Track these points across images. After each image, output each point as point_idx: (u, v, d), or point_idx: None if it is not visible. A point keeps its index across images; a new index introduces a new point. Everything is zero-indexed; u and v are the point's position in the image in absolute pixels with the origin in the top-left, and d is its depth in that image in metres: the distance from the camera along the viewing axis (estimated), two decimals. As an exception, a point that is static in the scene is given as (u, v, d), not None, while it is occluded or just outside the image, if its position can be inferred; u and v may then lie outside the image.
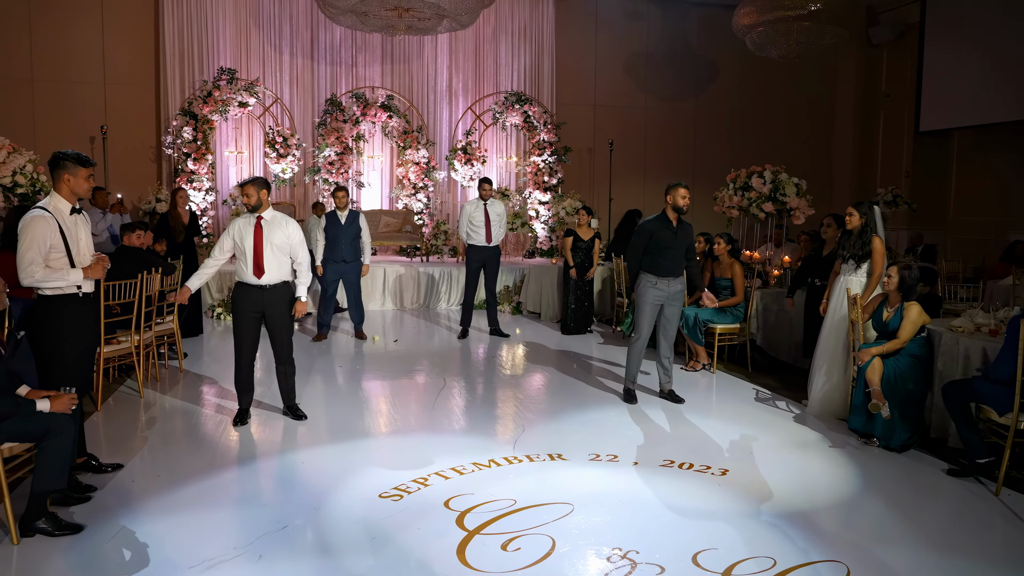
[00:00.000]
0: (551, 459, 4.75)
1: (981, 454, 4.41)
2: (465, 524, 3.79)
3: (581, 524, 3.82)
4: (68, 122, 11.30)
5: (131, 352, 5.97)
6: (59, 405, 3.68)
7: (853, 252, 5.69)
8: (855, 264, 5.69)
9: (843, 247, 5.80)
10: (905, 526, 3.92)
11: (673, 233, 5.91)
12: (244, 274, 5.24)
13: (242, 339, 5.30)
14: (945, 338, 4.97)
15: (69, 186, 4.04)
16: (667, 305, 5.99)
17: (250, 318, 5.26)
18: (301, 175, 11.93)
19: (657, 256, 5.91)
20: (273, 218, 5.30)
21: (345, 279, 8.12)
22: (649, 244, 5.93)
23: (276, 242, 5.24)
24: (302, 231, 5.45)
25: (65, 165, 4.02)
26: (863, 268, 5.68)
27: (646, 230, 5.96)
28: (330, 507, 4.01)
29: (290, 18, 12.10)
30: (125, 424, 5.39)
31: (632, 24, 13.87)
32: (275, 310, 5.30)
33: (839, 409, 5.64)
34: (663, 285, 5.91)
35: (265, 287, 5.23)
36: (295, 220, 5.45)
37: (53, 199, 4.05)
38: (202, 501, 4.08)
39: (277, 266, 5.26)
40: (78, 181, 4.05)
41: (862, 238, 5.66)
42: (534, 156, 12.59)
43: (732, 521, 3.90)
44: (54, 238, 3.94)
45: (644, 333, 6.02)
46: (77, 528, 3.67)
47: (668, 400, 6.12)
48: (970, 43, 12.20)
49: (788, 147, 14.15)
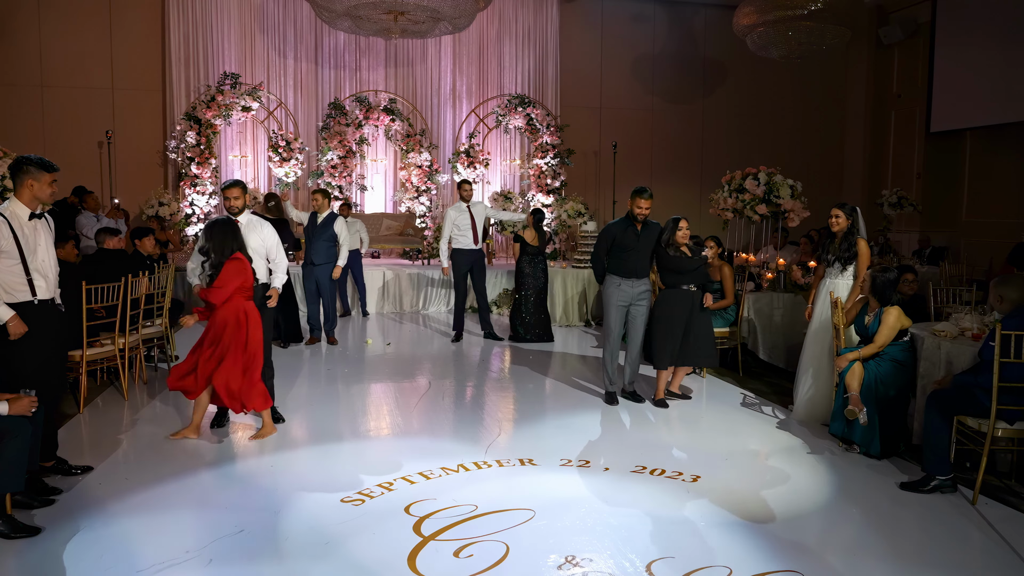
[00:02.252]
0: (521, 464, 4.70)
1: (945, 470, 4.28)
2: (421, 530, 3.75)
3: (540, 530, 3.77)
4: (76, 127, 11.45)
5: (115, 355, 6.00)
6: (18, 408, 3.70)
7: (839, 255, 5.59)
8: (840, 267, 5.59)
9: (827, 250, 5.70)
10: (876, 537, 3.82)
11: (636, 235, 5.88)
12: None
13: None
14: (927, 343, 4.85)
15: (32, 191, 4.05)
16: (633, 306, 5.96)
17: None
18: (304, 179, 11.99)
19: (621, 258, 5.91)
20: (249, 221, 5.33)
21: (318, 281, 8.10)
22: (612, 246, 5.94)
23: (253, 245, 5.27)
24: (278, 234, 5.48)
25: (28, 170, 4.03)
26: (849, 271, 5.58)
27: (609, 233, 5.98)
28: (290, 511, 4.00)
29: (294, 23, 12.18)
30: (104, 426, 5.42)
31: (638, 26, 13.79)
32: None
33: (824, 414, 5.53)
34: (627, 286, 5.90)
35: None
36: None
37: (12, 204, 4.05)
38: (164, 504, 4.09)
39: (258, 269, 5.28)
40: (41, 186, 4.05)
41: (847, 240, 5.56)
42: (537, 159, 12.55)
43: (695, 529, 3.83)
44: (6, 244, 3.96)
45: (615, 333, 6.02)
46: (34, 531, 3.69)
47: (630, 400, 6.12)
48: (982, 42, 11.98)
49: (797, 149, 14.00)
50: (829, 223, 5.67)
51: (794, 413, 5.76)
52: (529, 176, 12.69)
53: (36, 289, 4.08)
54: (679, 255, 5.87)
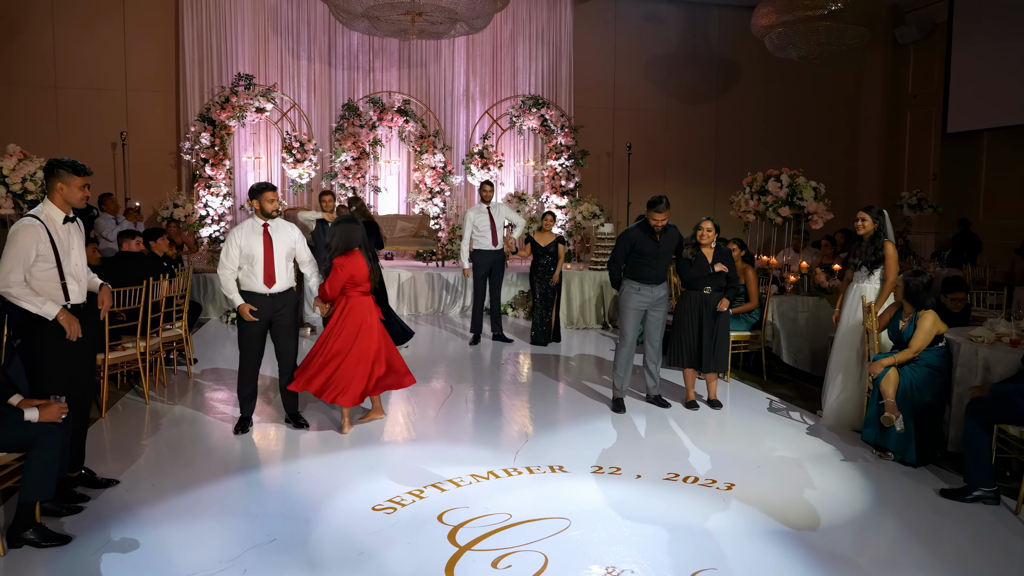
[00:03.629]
0: (552, 471, 4.64)
1: (988, 482, 4.19)
2: (457, 540, 3.69)
3: (577, 540, 3.70)
4: (90, 129, 11.43)
5: (136, 359, 5.96)
6: (48, 414, 3.65)
7: (866, 259, 5.53)
8: (868, 271, 5.52)
9: (854, 254, 5.64)
10: (918, 548, 3.75)
11: (656, 241, 5.80)
12: (252, 283, 5.19)
13: (249, 348, 5.26)
14: (964, 348, 4.77)
15: (62, 195, 3.98)
16: (651, 310, 5.89)
17: (258, 327, 5.23)
18: (318, 180, 11.94)
19: (640, 264, 5.81)
20: (278, 225, 5.28)
21: None
22: (631, 252, 5.85)
23: (284, 250, 5.25)
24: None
25: (59, 173, 3.97)
26: (876, 275, 5.50)
27: (628, 238, 5.89)
28: (321, 519, 3.94)
29: (308, 24, 12.14)
30: (127, 432, 5.37)
31: (652, 27, 13.72)
32: (283, 318, 5.28)
33: (854, 420, 5.46)
34: (646, 291, 5.83)
35: (275, 295, 5.22)
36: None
37: (46, 207, 4.00)
38: (193, 512, 4.03)
39: (286, 273, 5.28)
40: (71, 190, 3.97)
41: (874, 244, 5.50)
42: (551, 160, 12.48)
43: (734, 539, 3.76)
44: (43, 248, 3.91)
45: (630, 339, 5.94)
46: (64, 539, 3.64)
47: (655, 405, 6.06)
48: (999, 42, 11.87)
49: (812, 149, 13.90)
50: (855, 226, 5.61)
51: (823, 419, 5.68)
52: (543, 177, 12.63)
53: (69, 293, 4.02)
54: (694, 258, 5.80)
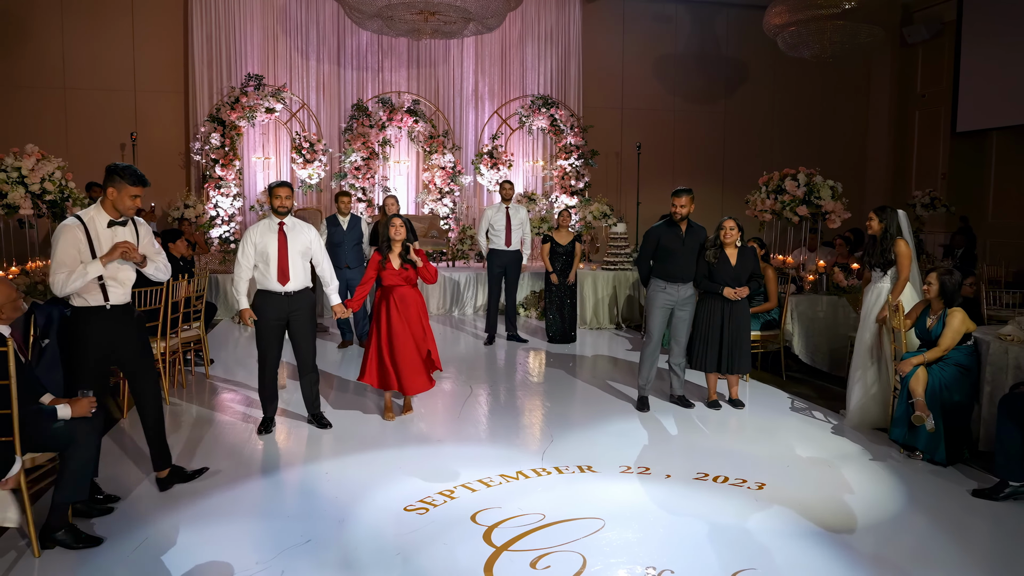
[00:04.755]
0: (580, 471, 4.62)
1: (1019, 476, 4.17)
2: (492, 540, 3.67)
3: (613, 541, 3.68)
4: (99, 129, 11.40)
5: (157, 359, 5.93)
6: (79, 408, 3.65)
7: (875, 259, 5.55)
8: (881, 271, 5.53)
9: (868, 254, 5.65)
10: (953, 547, 3.73)
11: (681, 239, 5.78)
12: (267, 282, 5.18)
13: (267, 348, 5.24)
14: (993, 347, 4.75)
15: (112, 199, 3.99)
16: (677, 309, 5.87)
17: (275, 326, 5.21)
18: (327, 180, 11.92)
19: (666, 262, 5.80)
20: (294, 224, 5.28)
21: (349, 285, 7.98)
22: (658, 249, 5.84)
23: (299, 248, 5.23)
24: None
25: (114, 179, 3.97)
26: (889, 274, 5.50)
27: (653, 235, 5.89)
28: (355, 520, 3.92)
29: (317, 24, 12.11)
30: (150, 432, 5.34)
31: (660, 26, 13.70)
32: (299, 317, 5.26)
33: (878, 419, 5.45)
34: (672, 290, 5.81)
35: (291, 294, 5.20)
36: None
37: (93, 209, 4.05)
38: (225, 513, 4.01)
39: (302, 272, 5.26)
40: (121, 197, 3.99)
41: (883, 244, 5.50)
42: (561, 160, 12.46)
43: (771, 540, 3.74)
44: (82, 248, 3.90)
45: (656, 338, 5.91)
46: (96, 541, 3.62)
47: (678, 405, 6.04)
48: (1008, 41, 11.85)
49: (821, 149, 13.88)
50: (867, 227, 5.65)
51: (847, 419, 5.66)
52: (553, 177, 12.60)
53: (109, 294, 4.01)
54: (716, 259, 5.78)
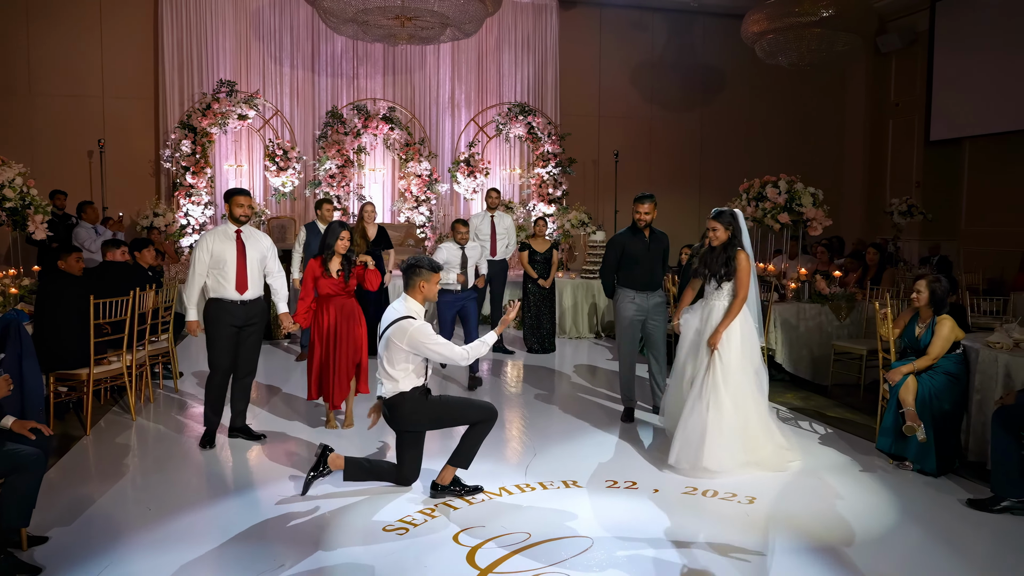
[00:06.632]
0: (566, 486, 4.47)
1: (1017, 492, 4.08)
2: (477, 562, 3.50)
3: (602, 561, 3.53)
4: (66, 136, 11.08)
5: (123, 373, 5.69)
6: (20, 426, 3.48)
7: (715, 270, 4.81)
8: (716, 284, 4.82)
9: (704, 263, 4.89)
10: (951, 560, 3.63)
11: (646, 245, 5.66)
12: (223, 290, 5.05)
13: (220, 357, 5.10)
14: (983, 355, 4.68)
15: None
16: (649, 320, 5.73)
17: (230, 334, 5.08)
18: (301, 189, 11.70)
19: (632, 269, 5.66)
20: (251, 232, 5.20)
21: None
22: (623, 257, 5.71)
23: (257, 257, 5.15)
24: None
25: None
26: (726, 288, 4.80)
27: (617, 244, 5.76)
28: (331, 542, 3.72)
29: (290, 30, 11.90)
30: (114, 450, 5.10)
31: (637, 34, 13.66)
32: (253, 325, 5.19)
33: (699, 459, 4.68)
34: (641, 299, 5.66)
35: (246, 303, 5.10)
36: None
37: None
38: (194, 535, 3.80)
39: (258, 281, 5.19)
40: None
41: (727, 252, 4.79)
42: (538, 168, 12.36)
43: (767, 557, 3.62)
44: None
45: (628, 349, 5.76)
46: (35, 570, 3.37)
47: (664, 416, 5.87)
48: (980, 51, 11.97)
49: (796, 157, 13.89)
50: (708, 237, 4.90)
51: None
52: (530, 185, 12.49)
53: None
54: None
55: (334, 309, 5.45)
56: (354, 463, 4.31)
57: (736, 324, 4.72)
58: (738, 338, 4.73)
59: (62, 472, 4.64)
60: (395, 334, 4.09)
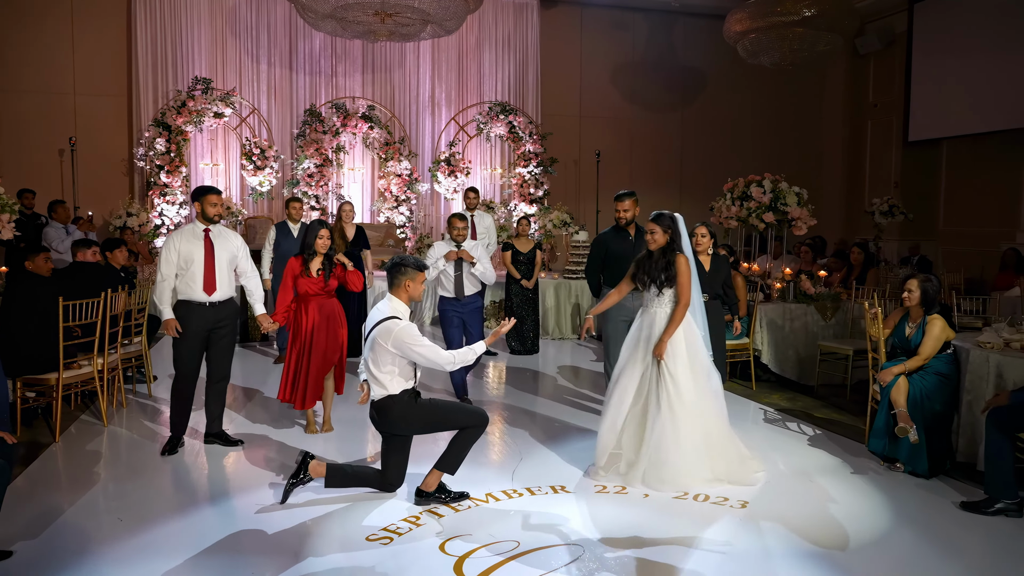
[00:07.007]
0: (554, 491, 4.36)
1: (1011, 494, 4.03)
2: (464, 572, 3.38)
3: (593, 569, 3.42)
4: (36, 134, 10.78)
5: (94, 377, 5.50)
6: None
7: (655, 276, 4.55)
8: (658, 290, 4.56)
9: (642, 269, 4.65)
10: (946, 563, 3.57)
11: (631, 243, 5.56)
12: (190, 291, 4.91)
13: (187, 361, 4.96)
14: (973, 355, 4.64)
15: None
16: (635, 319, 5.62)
17: (199, 337, 4.94)
18: (279, 188, 11.50)
19: (617, 269, 5.43)
20: (220, 231, 5.05)
21: None
22: (607, 257, 5.61)
23: (226, 257, 5.01)
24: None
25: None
26: (667, 295, 4.55)
27: (601, 243, 5.66)
28: (312, 553, 3.58)
29: (268, 27, 11.69)
30: (84, 458, 4.91)
31: (618, 34, 13.60)
32: (223, 329, 5.03)
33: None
34: (627, 300, 5.39)
35: (215, 304, 4.95)
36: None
37: None
38: (166, 548, 3.63)
39: (228, 282, 5.03)
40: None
41: (666, 257, 4.55)
42: (519, 167, 12.25)
43: (762, 562, 3.54)
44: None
45: (611, 351, 5.46)
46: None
47: None
48: (958, 52, 12.05)
49: (776, 157, 13.89)
50: (646, 240, 4.66)
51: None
52: (511, 185, 12.38)
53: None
54: None
55: (314, 309, 5.32)
56: (336, 469, 4.17)
57: (680, 332, 4.50)
58: (683, 347, 4.50)
59: (29, 481, 4.45)
60: (380, 335, 3.96)
